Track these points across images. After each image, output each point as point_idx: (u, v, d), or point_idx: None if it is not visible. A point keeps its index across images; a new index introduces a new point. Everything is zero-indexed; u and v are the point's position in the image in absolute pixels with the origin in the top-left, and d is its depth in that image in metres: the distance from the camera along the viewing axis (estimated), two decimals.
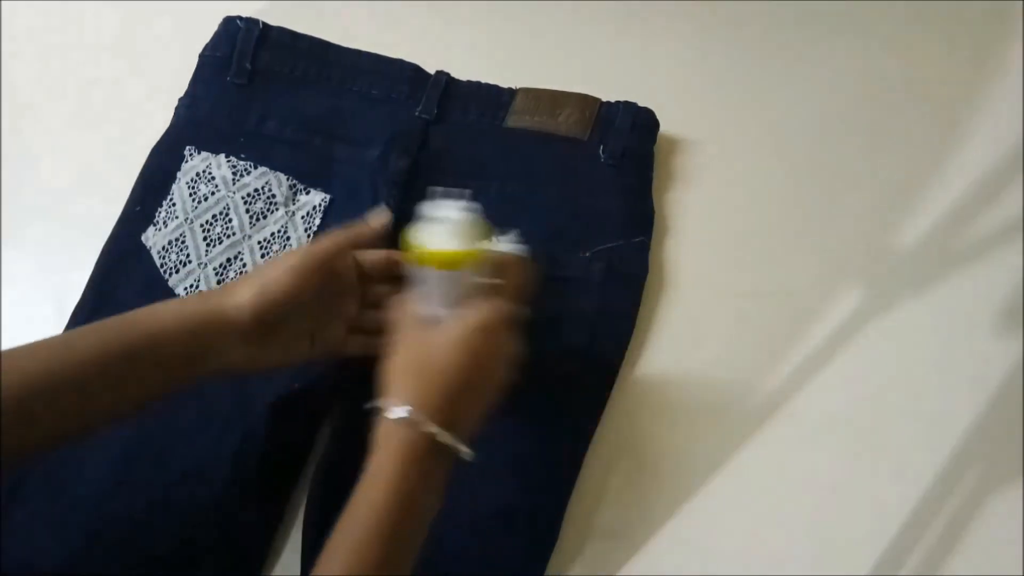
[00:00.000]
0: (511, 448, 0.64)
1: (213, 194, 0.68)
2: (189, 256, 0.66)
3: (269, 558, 0.62)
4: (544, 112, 0.73)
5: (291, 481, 0.63)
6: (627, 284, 0.70)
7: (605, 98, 0.73)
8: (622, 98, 0.73)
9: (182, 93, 0.72)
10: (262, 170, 0.69)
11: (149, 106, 0.74)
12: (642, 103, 0.73)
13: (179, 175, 0.68)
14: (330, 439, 0.64)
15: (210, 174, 0.69)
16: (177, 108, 0.72)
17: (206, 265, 0.66)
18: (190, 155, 0.69)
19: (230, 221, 0.68)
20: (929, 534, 0.66)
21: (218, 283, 0.66)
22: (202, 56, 0.73)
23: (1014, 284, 0.75)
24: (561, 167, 0.72)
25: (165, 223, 0.67)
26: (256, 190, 0.69)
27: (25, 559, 0.58)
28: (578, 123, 0.72)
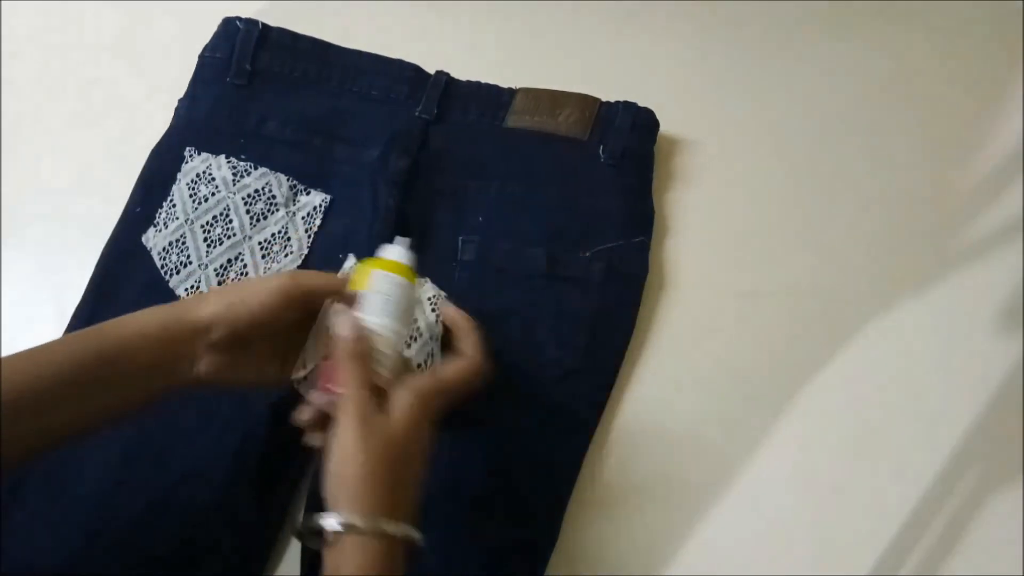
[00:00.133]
0: (511, 448, 0.64)
1: (213, 195, 0.68)
2: (190, 257, 0.66)
3: (269, 558, 0.62)
4: (544, 112, 0.73)
5: (291, 481, 0.63)
6: (627, 284, 0.70)
7: (605, 98, 0.73)
8: (622, 98, 0.73)
9: (182, 94, 0.72)
10: (262, 171, 0.69)
11: (149, 106, 0.74)
12: (642, 103, 0.73)
13: (179, 176, 0.68)
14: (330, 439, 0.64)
15: (210, 175, 0.68)
16: (177, 109, 0.72)
17: (207, 266, 0.66)
18: (190, 156, 0.69)
19: (230, 222, 0.68)
20: (929, 534, 0.66)
21: (219, 283, 0.66)
22: (202, 57, 0.73)
23: (1014, 284, 0.75)
24: (561, 167, 0.71)
25: (165, 224, 0.67)
26: (256, 191, 0.69)
27: (25, 559, 0.58)
28: (578, 123, 0.72)
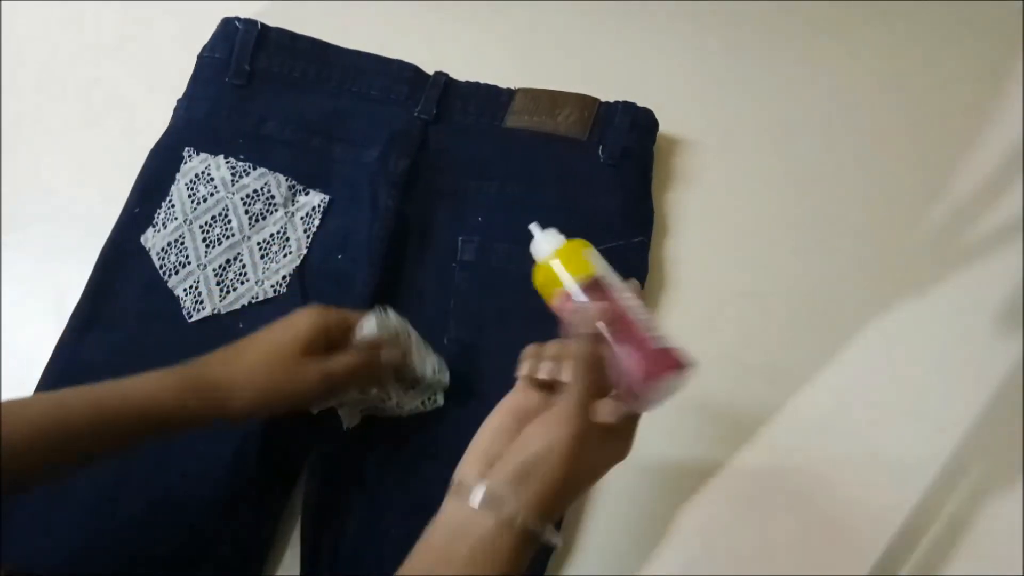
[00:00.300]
0: None
1: (212, 195, 0.68)
2: (188, 257, 0.66)
3: (269, 558, 0.62)
4: (543, 112, 0.73)
5: (290, 481, 0.63)
6: None
7: (605, 98, 0.73)
8: (622, 98, 0.73)
9: (182, 94, 0.72)
10: (261, 171, 0.69)
11: (149, 106, 0.74)
12: (642, 103, 0.73)
13: (178, 176, 0.68)
14: (329, 439, 0.64)
15: (209, 175, 0.68)
16: (176, 109, 0.72)
17: (205, 266, 0.66)
18: (189, 156, 0.69)
19: (229, 222, 0.68)
20: (929, 534, 0.66)
21: (217, 284, 0.66)
22: (200, 57, 0.73)
23: (1014, 284, 0.74)
24: (560, 167, 0.71)
25: (164, 224, 0.67)
26: (255, 191, 0.69)
27: (25, 559, 0.58)
28: (577, 123, 0.72)
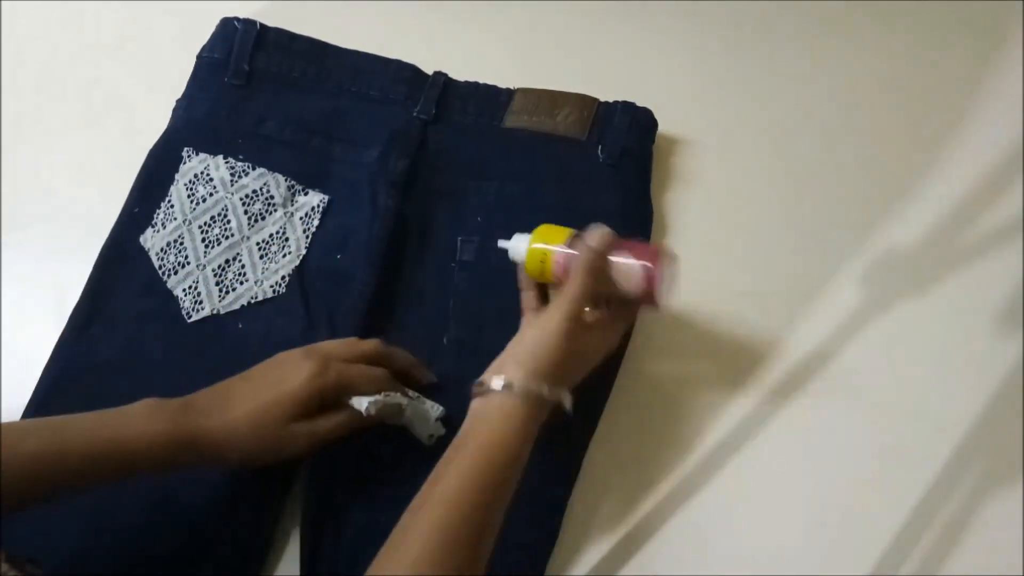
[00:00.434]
0: None
1: (211, 195, 0.68)
2: (188, 258, 0.66)
3: (269, 558, 0.62)
4: (542, 112, 0.73)
5: (290, 481, 0.63)
6: None
7: (604, 98, 0.73)
8: (621, 98, 0.73)
9: (181, 94, 0.72)
10: (260, 171, 0.69)
11: (149, 106, 0.74)
12: (641, 103, 0.73)
13: (177, 176, 0.68)
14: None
15: (208, 175, 0.69)
16: (175, 109, 0.72)
17: (204, 267, 0.66)
18: (188, 156, 0.69)
19: (228, 222, 0.68)
20: (929, 534, 0.66)
21: (216, 284, 0.66)
22: (199, 57, 0.73)
23: (1014, 284, 0.74)
24: (560, 167, 0.71)
25: (163, 224, 0.67)
26: (254, 191, 0.69)
27: (25, 559, 0.58)
28: (576, 123, 0.72)
